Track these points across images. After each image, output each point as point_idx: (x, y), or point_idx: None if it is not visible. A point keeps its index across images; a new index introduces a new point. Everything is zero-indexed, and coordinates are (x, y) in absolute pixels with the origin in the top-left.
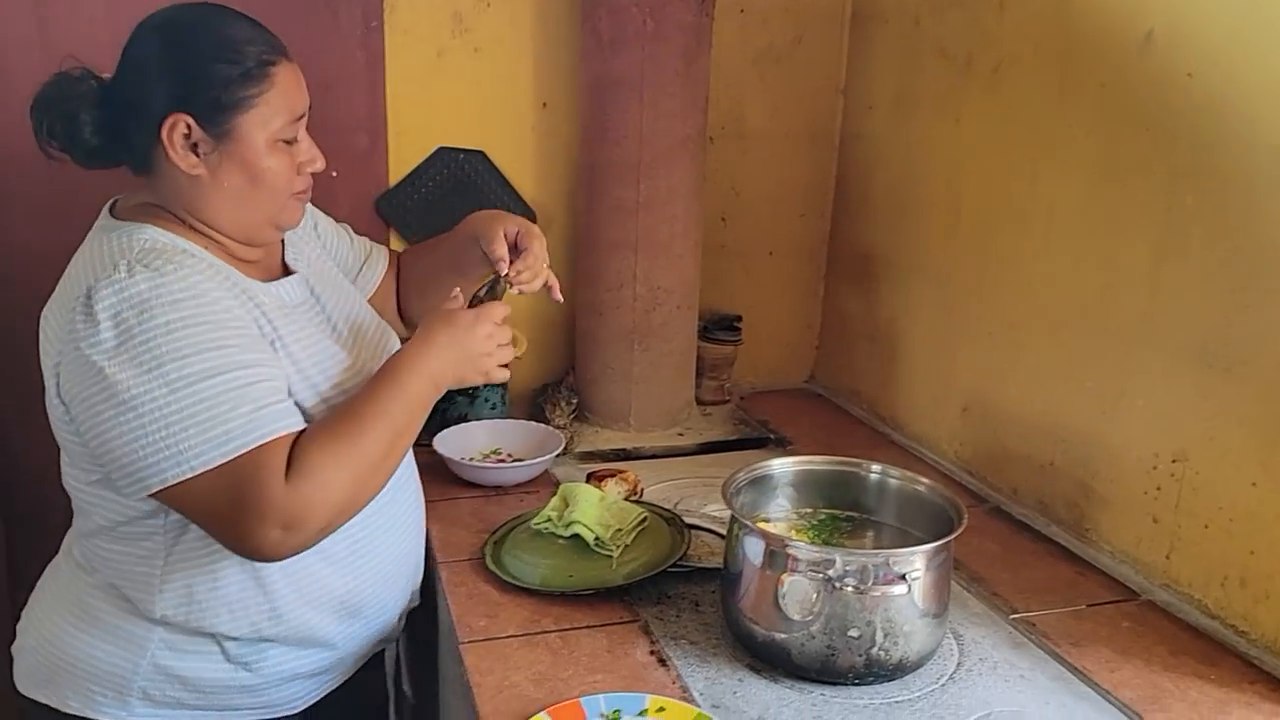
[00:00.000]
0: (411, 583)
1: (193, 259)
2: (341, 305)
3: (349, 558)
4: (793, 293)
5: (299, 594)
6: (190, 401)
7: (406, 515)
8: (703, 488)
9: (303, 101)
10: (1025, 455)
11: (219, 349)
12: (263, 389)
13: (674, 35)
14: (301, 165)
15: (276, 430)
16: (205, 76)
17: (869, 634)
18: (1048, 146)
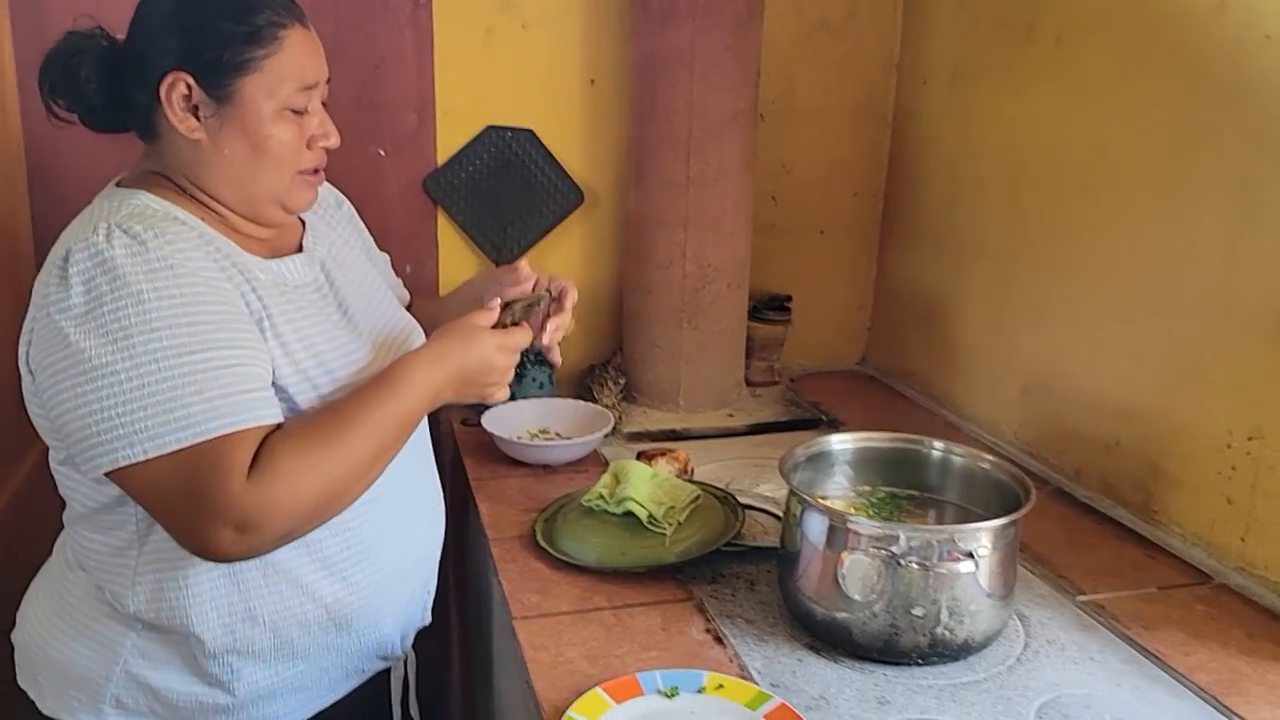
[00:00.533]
0: (418, 598)
1: (181, 226)
2: (361, 295)
3: (340, 562)
4: (844, 273)
5: (277, 596)
6: (154, 379)
7: (417, 522)
8: (754, 468)
9: (316, 71)
10: (1089, 435)
11: (192, 325)
12: (236, 374)
13: (725, 8)
14: (313, 139)
15: (243, 421)
16: (208, 34)
17: (934, 613)
18: (1115, 116)
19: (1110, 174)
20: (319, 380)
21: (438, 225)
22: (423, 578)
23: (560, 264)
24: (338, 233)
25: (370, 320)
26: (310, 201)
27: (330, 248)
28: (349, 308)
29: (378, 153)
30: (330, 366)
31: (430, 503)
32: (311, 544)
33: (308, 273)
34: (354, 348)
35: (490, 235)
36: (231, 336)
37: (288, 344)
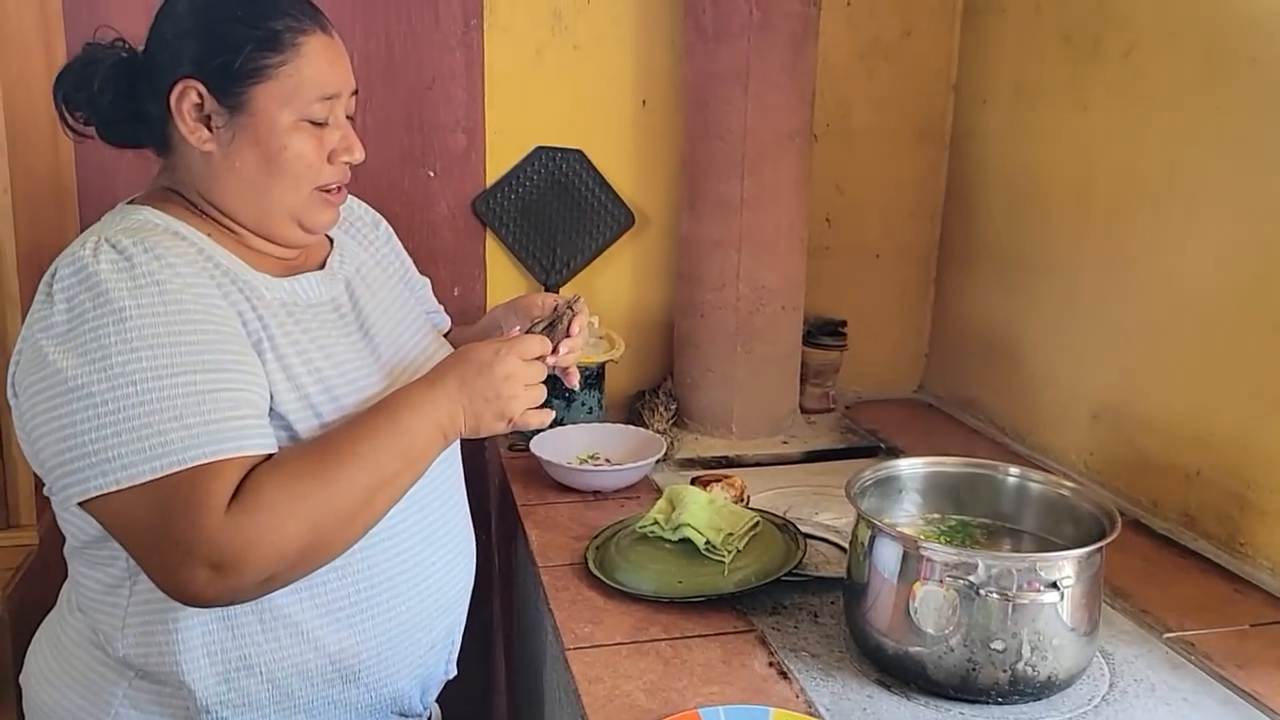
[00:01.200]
0: (440, 649)
1: (179, 241)
2: (388, 318)
3: (347, 607)
4: (901, 297)
5: (276, 644)
6: (130, 402)
7: (440, 564)
8: (813, 496)
9: (337, 81)
10: (1167, 464)
11: (176, 345)
12: (221, 399)
13: (781, 25)
14: (334, 153)
15: (223, 450)
16: (221, 39)
17: (1014, 647)
18: (1190, 130)
19: (1186, 192)
20: (323, 407)
21: (486, 247)
22: (445, 626)
23: (609, 287)
24: (370, 252)
25: (395, 345)
26: (330, 221)
27: (359, 267)
28: (372, 330)
29: (427, 174)
30: (336, 393)
31: (457, 543)
32: (314, 587)
33: (325, 291)
34: (368, 373)
35: (539, 257)
36: (220, 359)
37: (289, 366)
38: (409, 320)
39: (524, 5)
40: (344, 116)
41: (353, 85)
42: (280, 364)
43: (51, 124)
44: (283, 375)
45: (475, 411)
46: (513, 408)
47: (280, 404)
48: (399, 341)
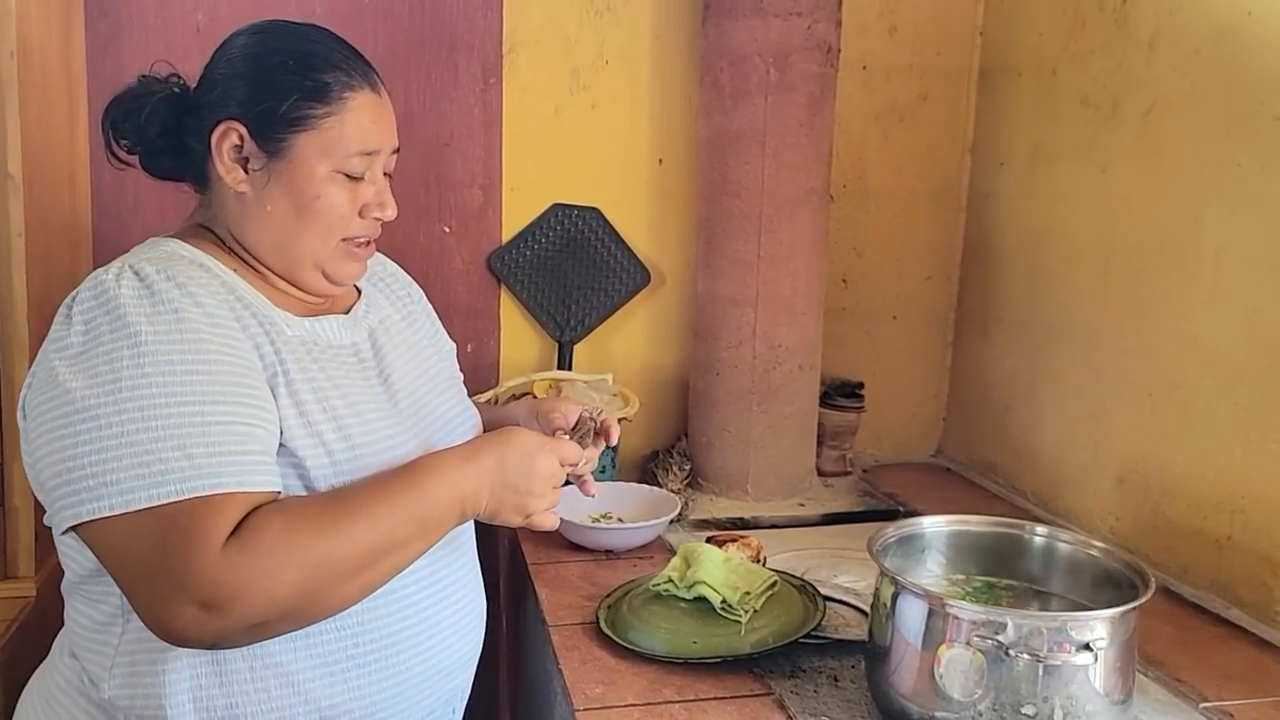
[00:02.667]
0: (440, 715)
1: (202, 272)
2: (411, 372)
3: (343, 661)
4: (918, 360)
5: (264, 694)
6: (134, 427)
7: (446, 626)
8: (831, 558)
9: (379, 138)
10: (1195, 529)
11: (189, 375)
12: (228, 432)
13: (798, 85)
14: (366, 208)
15: (225, 484)
16: (269, 85)
17: (1046, 712)
18: (1213, 188)
19: (1213, 250)
20: (335, 446)
21: (500, 303)
22: (446, 691)
23: (624, 345)
24: (398, 309)
25: (415, 398)
26: (355, 273)
27: (384, 319)
28: (392, 379)
29: (443, 229)
30: (351, 434)
31: (467, 605)
32: (310, 637)
33: (347, 335)
34: (387, 423)
35: (553, 314)
36: (231, 392)
37: (303, 404)
38: (434, 377)
39: (543, 64)
40: (381, 173)
41: (394, 144)
42: (294, 400)
43: (69, 170)
44: (295, 411)
45: (500, 498)
46: (535, 505)
47: (291, 439)
48: (420, 395)
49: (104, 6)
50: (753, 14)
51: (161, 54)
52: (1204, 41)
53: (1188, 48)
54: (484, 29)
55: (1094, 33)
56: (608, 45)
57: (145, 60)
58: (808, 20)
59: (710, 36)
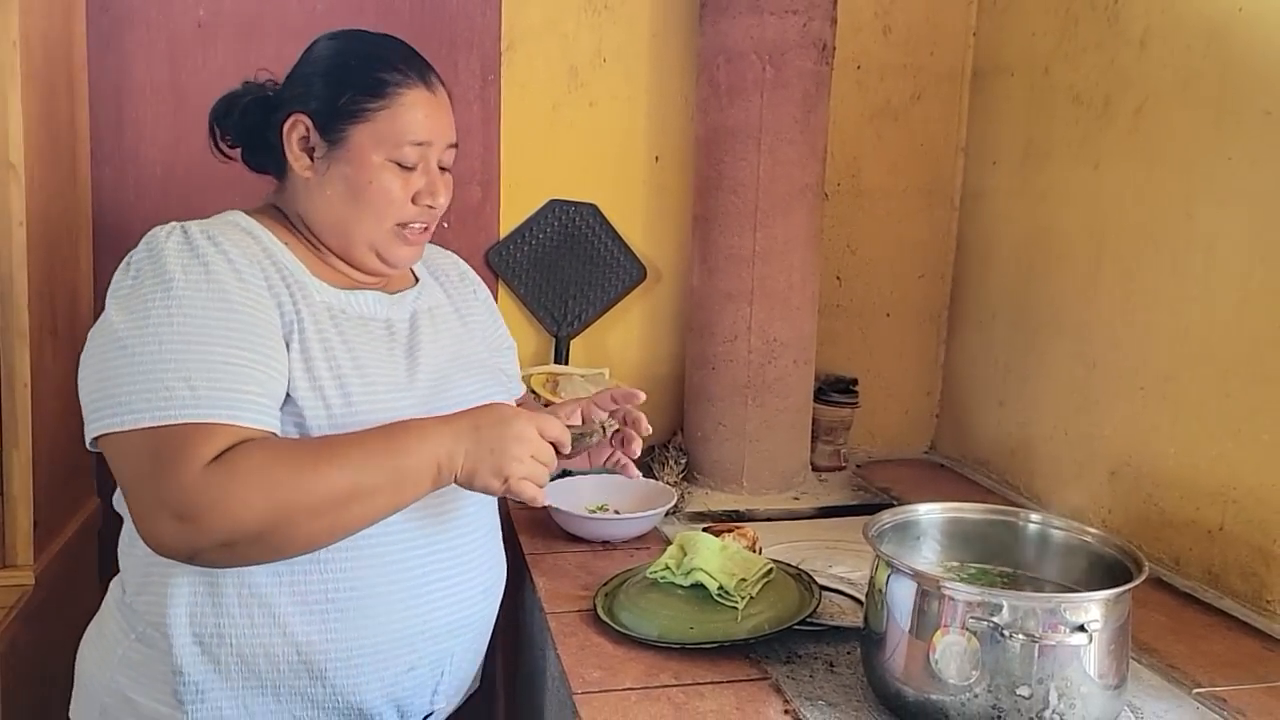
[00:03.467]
0: (425, 680)
1: (247, 237)
2: (445, 357)
3: (321, 602)
4: (911, 357)
5: (249, 619)
6: (152, 358)
7: (440, 592)
8: (826, 550)
9: (429, 131)
10: (1188, 520)
11: (205, 317)
12: (230, 371)
13: (794, 82)
14: (418, 195)
15: (218, 415)
16: (334, 83)
17: (1041, 694)
18: (1204, 182)
19: (1204, 244)
20: (333, 401)
21: (498, 298)
22: (433, 654)
23: (621, 340)
24: (453, 301)
25: (440, 379)
26: (408, 258)
27: (434, 307)
28: (420, 358)
29: (442, 224)
30: (350, 393)
31: (464, 575)
32: (294, 573)
33: (384, 310)
34: (392, 388)
35: (551, 309)
36: (242, 337)
37: (311, 359)
38: (470, 363)
39: (541, 63)
40: (435, 165)
41: (450, 139)
42: (303, 354)
43: (70, 162)
44: (302, 365)
45: (477, 457)
46: (512, 468)
47: (295, 389)
48: (446, 374)
49: (106, 2)
50: (749, 12)
51: (162, 49)
52: (1195, 38)
53: (1179, 45)
54: (483, 26)
55: (1086, 31)
56: (605, 43)
57: (146, 55)
58: (803, 18)
59: (707, 34)
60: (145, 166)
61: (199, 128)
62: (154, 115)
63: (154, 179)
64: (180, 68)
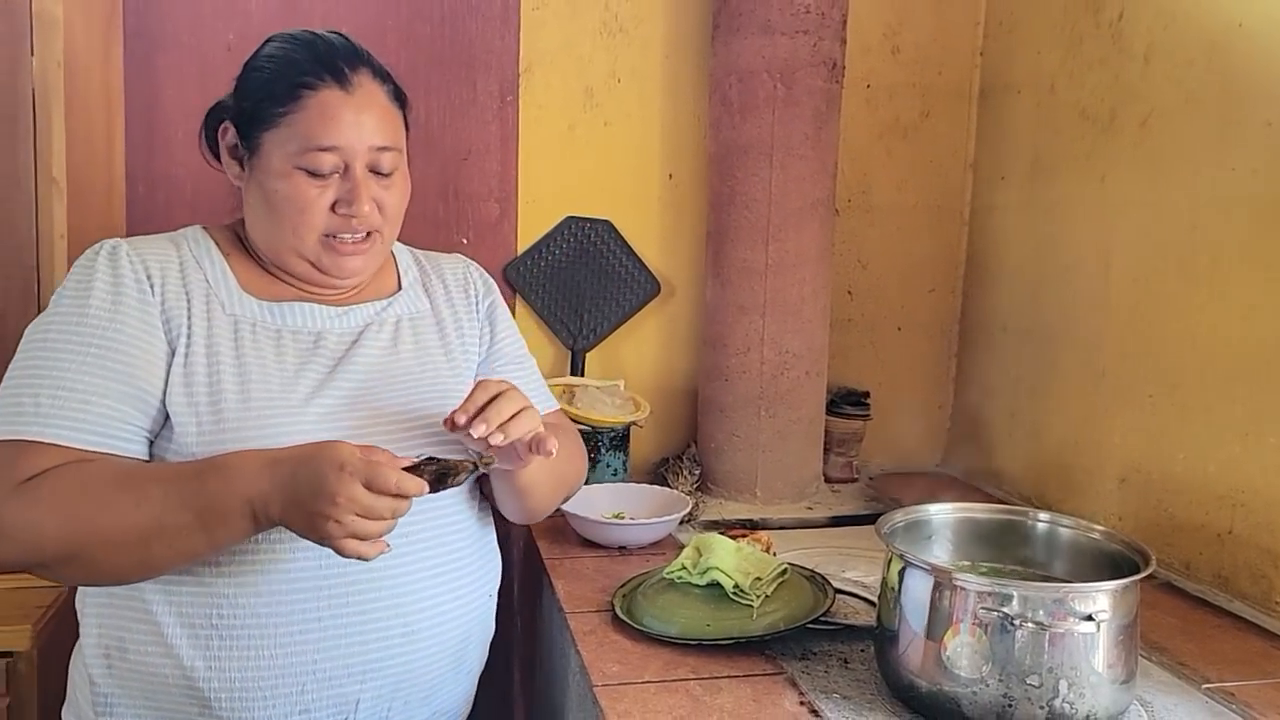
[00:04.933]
0: (329, 718)
1: (172, 252)
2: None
3: (205, 628)
4: (923, 371)
5: (144, 636)
6: (23, 371)
7: (334, 623)
8: (839, 556)
9: (340, 135)
10: (1197, 525)
11: (72, 339)
12: (75, 393)
13: (804, 100)
14: (336, 204)
15: (37, 434)
16: (249, 87)
17: (1051, 683)
18: (1209, 192)
19: (1209, 251)
20: (205, 417)
21: (515, 313)
22: (332, 698)
23: (635, 354)
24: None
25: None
26: (351, 270)
27: (408, 317)
28: (344, 373)
29: (460, 241)
30: (225, 414)
31: (374, 618)
32: (177, 593)
33: (319, 322)
34: (280, 414)
35: (567, 323)
36: (100, 362)
37: (192, 373)
38: (421, 383)
39: (558, 83)
40: (359, 171)
41: (375, 141)
42: (185, 368)
43: (107, 180)
44: (182, 378)
45: (290, 515)
46: (329, 529)
47: (171, 403)
48: (378, 393)
49: (141, 26)
50: (760, 32)
51: (194, 72)
52: (1197, 53)
53: (1182, 59)
54: (501, 49)
55: (1091, 48)
56: (620, 64)
57: (179, 77)
58: (813, 38)
59: (719, 54)
60: (176, 184)
61: None
62: (185, 135)
63: (183, 197)
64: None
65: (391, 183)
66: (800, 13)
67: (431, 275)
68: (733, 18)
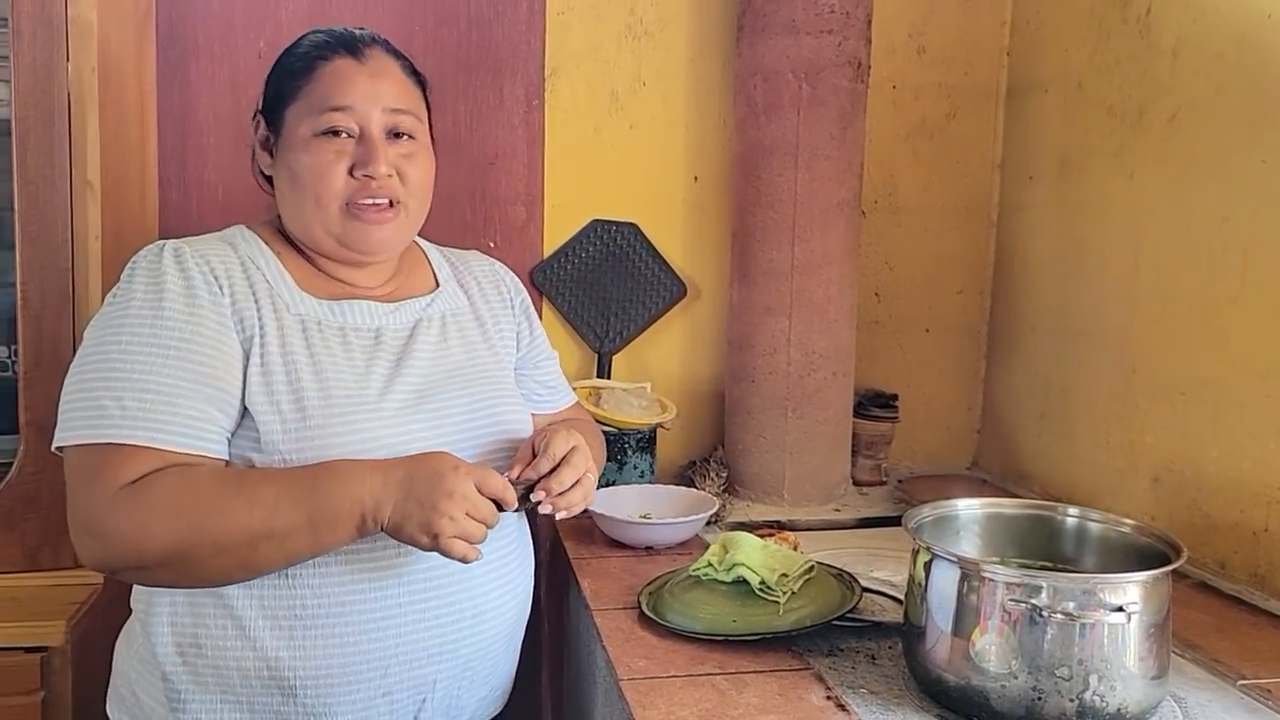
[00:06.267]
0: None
1: (227, 250)
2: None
3: (289, 618)
4: (952, 372)
5: (221, 631)
6: (93, 374)
7: (410, 607)
8: (867, 556)
9: (348, 94)
10: (1232, 523)
11: (151, 341)
12: (165, 396)
13: (830, 100)
14: (354, 166)
15: (142, 438)
16: (273, 73)
17: (1081, 675)
18: (1239, 186)
19: (1240, 247)
20: (290, 418)
21: (542, 315)
22: (411, 679)
23: (662, 356)
24: (480, 306)
25: (434, 388)
26: (376, 242)
27: (451, 313)
28: (408, 369)
29: (488, 244)
30: (308, 410)
31: (447, 602)
32: (262, 586)
33: (375, 319)
34: (360, 410)
35: (593, 326)
36: (181, 364)
37: (270, 372)
38: (475, 378)
39: (583, 87)
40: (378, 133)
41: (388, 102)
42: (263, 370)
43: (140, 184)
44: (261, 377)
45: (405, 512)
46: (442, 526)
47: (252, 402)
48: (438, 389)
49: (173, 34)
50: (785, 32)
51: (225, 80)
52: (1226, 46)
53: (1210, 53)
54: (527, 53)
55: (1118, 44)
56: (645, 68)
57: (210, 85)
58: (838, 38)
59: (744, 55)
60: (207, 190)
61: None
62: (216, 142)
63: (215, 202)
64: (242, 96)
65: (412, 151)
66: (825, 12)
67: (464, 272)
68: (757, 18)
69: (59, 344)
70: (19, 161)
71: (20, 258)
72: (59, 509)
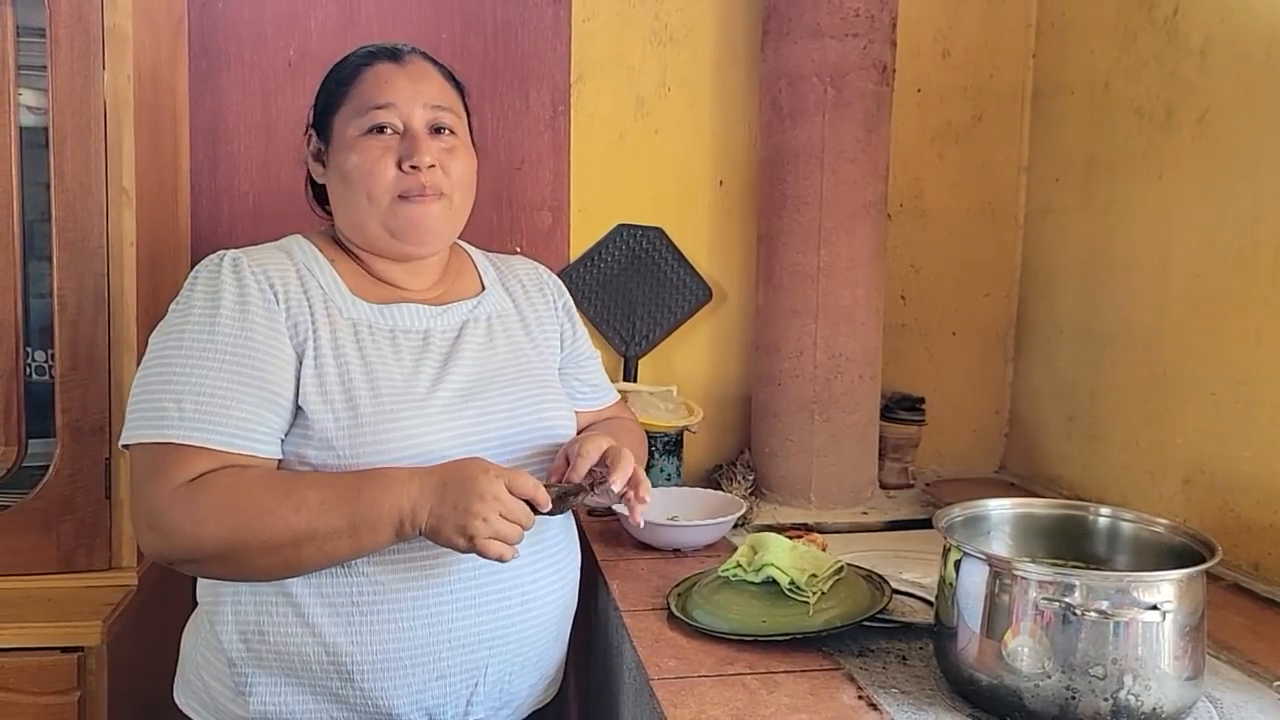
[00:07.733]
0: (455, 688)
1: (283, 258)
2: (493, 363)
3: (347, 605)
4: (978, 376)
5: (283, 620)
6: (156, 377)
7: (468, 604)
8: (896, 558)
9: (394, 93)
10: (1266, 524)
11: (209, 345)
12: (220, 399)
13: (855, 103)
14: (401, 159)
15: (198, 439)
16: (322, 90)
17: (1115, 674)
18: (1269, 185)
19: (1271, 246)
20: (343, 417)
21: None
22: (463, 665)
23: (688, 360)
24: (525, 307)
25: (481, 387)
26: (424, 229)
27: (497, 314)
28: (455, 369)
29: (514, 249)
30: (360, 409)
31: (499, 587)
32: (320, 575)
33: (423, 321)
34: (409, 408)
35: (619, 330)
36: (237, 368)
37: (324, 373)
38: (520, 378)
39: (609, 93)
40: (421, 127)
41: (429, 99)
42: (317, 368)
43: (173, 192)
44: (315, 378)
45: (441, 515)
46: (477, 528)
47: (306, 402)
48: (485, 388)
49: (206, 43)
50: (810, 36)
51: (256, 88)
52: (1255, 45)
53: (1239, 53)
54: (553, 60)
55: (1145, 45)
56: (670, 73)
57: (241, 93)
58: (863, 41)
59: (768, 60)
60: (238, 198)
61: (289, 161)
62: (247, 150)
63: (246, 210)
64: (272, 105)
65: (454, 146)
66: (850, 16)
67: (508, 275)
68: (782, 22)
69: (95, 348)
70: (56, 168)
71: (57, 263)
72: (94, 511)
